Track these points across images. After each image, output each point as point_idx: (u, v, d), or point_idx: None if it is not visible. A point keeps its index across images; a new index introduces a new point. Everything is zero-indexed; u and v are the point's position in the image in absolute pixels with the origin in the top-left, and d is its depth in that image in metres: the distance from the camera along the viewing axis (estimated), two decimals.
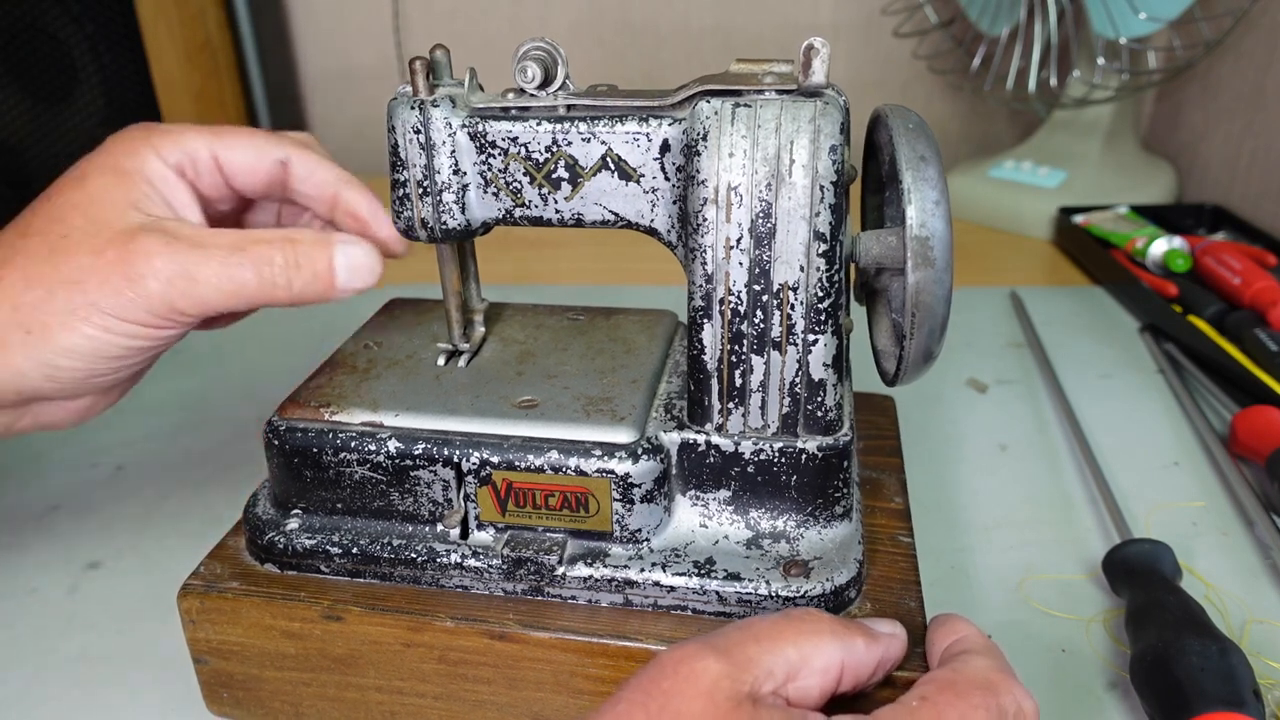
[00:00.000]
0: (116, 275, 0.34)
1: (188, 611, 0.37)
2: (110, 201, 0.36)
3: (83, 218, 0.36)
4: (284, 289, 0.36)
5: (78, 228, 0.35)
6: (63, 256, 0.35)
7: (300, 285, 0.36)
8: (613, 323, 0.45)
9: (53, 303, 0.34)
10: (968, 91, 1.07)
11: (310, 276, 0.36)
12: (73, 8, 0.87)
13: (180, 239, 0.35)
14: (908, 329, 0.32)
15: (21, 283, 0.35)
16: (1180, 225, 0.86)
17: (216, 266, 0.35)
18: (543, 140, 0.35)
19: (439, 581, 0.37)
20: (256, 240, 0.36)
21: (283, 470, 0.38)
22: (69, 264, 0.35)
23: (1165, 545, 0.44)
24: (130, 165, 0.37)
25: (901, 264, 0.32)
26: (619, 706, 0.27)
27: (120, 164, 0.37)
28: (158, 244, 0.35)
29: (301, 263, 0.36)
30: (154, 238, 0.35)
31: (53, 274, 0.35)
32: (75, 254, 0.35)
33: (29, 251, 0.35)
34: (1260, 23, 0.85)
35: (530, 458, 0.35)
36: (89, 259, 0.35)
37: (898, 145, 0.33)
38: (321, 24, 1.14)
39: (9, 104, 0.91)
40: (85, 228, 0.35)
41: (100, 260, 0.34)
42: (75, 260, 0.35)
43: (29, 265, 0.35)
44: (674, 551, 0.36)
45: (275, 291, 0.36)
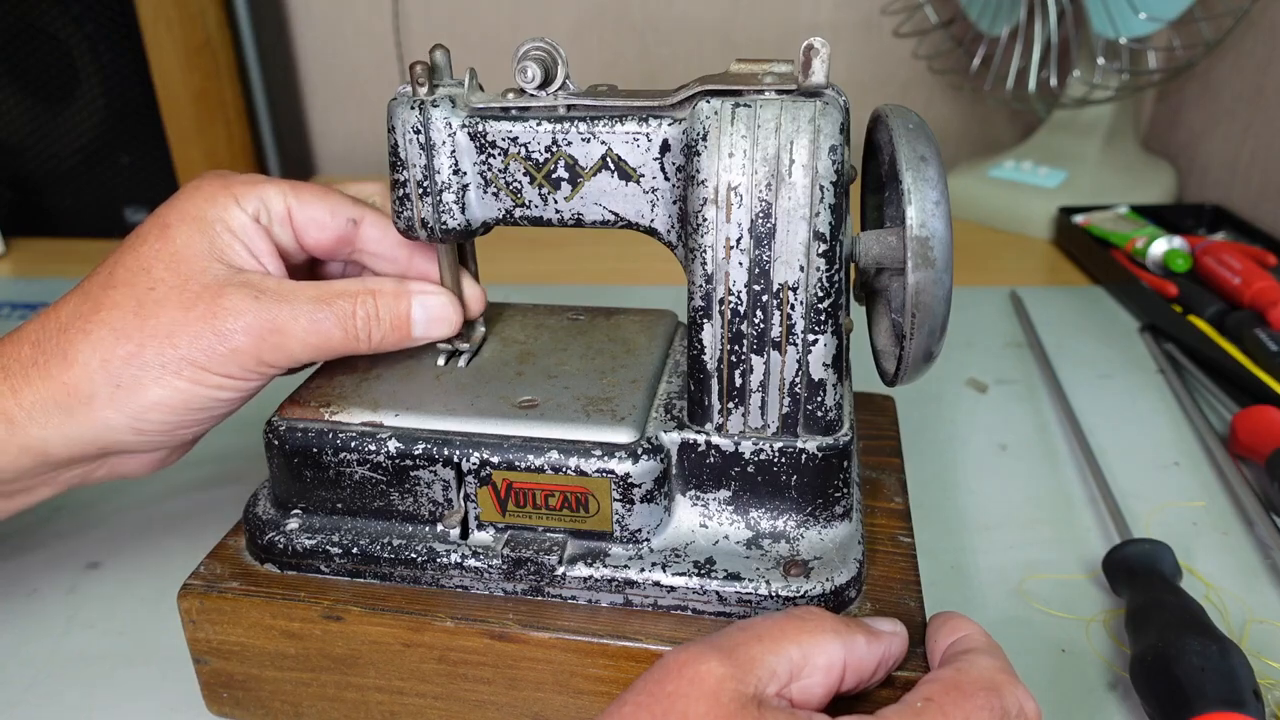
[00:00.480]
0: (207, 331, 0.35)
1: (188, 611, 0.37)
2: (195, 254, 0.36)
3: (168, 270, 0.36)
4: (365, 341, 0.37)
5: (164, 280, 0.36)
6: (151, 310, 0.35)
7: (379, 337, 0.37)
8: (613, 323, 0.45)
9: (143, 356, 0.35)
10: (968, 91, 1.07)
11: (389, 328, 0.37)
12: (73, 8, 0.87)
13: (265, 294, 0.36)
14: (908, 329, 0.32)
15: (110, 337, 0.35)
16: (1180, 225, 0.86)
17: (304, 322, 0.36)
18: (543, 140, 0.35)
19: (439, 581, 0.37)
20: (340, 293, 0.37)
21: (283, 470, 0.38)
22: (158, 318, 0.35)
23: (1165, 545, 0.44)
24: (212, 215, 0.38)
25: (901, 264, 0.32)
26: (624, 709, 0.27)
27: (203, 213, 0.37)
28: (245, 300, 0.35)
29: (382, 315, 0.37)
30: (241, 293, 0.36)
31: (141, 328, 0.35)
32: (164, 308, 0.35)
33: (116, 304, 0.36)
34: (1260, 23, 0.85)
35: (530, 458, 0.35)
36: (179, 314, 0.35)
37: (898, 145, 0.33)
38: (321, 24, 1.14)
39: (9, 104, 0.91)
40: (171, 281, 0.36)
41: (190, 315, 0.35)
42: (165, 315, 0.35)
43: (117, 319, 0.35)
44: (674, 551, 0.36)
45: (358, 344, 0.37)
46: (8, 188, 0.95)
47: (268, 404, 0.40)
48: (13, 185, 0.95)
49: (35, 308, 0.80)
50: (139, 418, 0.36)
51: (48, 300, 0.81)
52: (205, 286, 0.36)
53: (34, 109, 0.91)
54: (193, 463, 0.57)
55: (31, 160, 0.94)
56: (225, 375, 0.36)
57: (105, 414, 0.36)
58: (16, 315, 0.79)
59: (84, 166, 0.93)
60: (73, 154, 0.93)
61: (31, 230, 0.97)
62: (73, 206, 0.96)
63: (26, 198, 0.95)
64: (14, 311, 0.80)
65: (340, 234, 0.40)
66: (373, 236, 0.41)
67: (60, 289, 0.39)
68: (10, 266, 0.91)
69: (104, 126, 0.92)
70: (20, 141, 0.93)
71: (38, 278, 0.88)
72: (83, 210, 0.96)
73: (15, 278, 0.88)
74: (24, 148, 0.93)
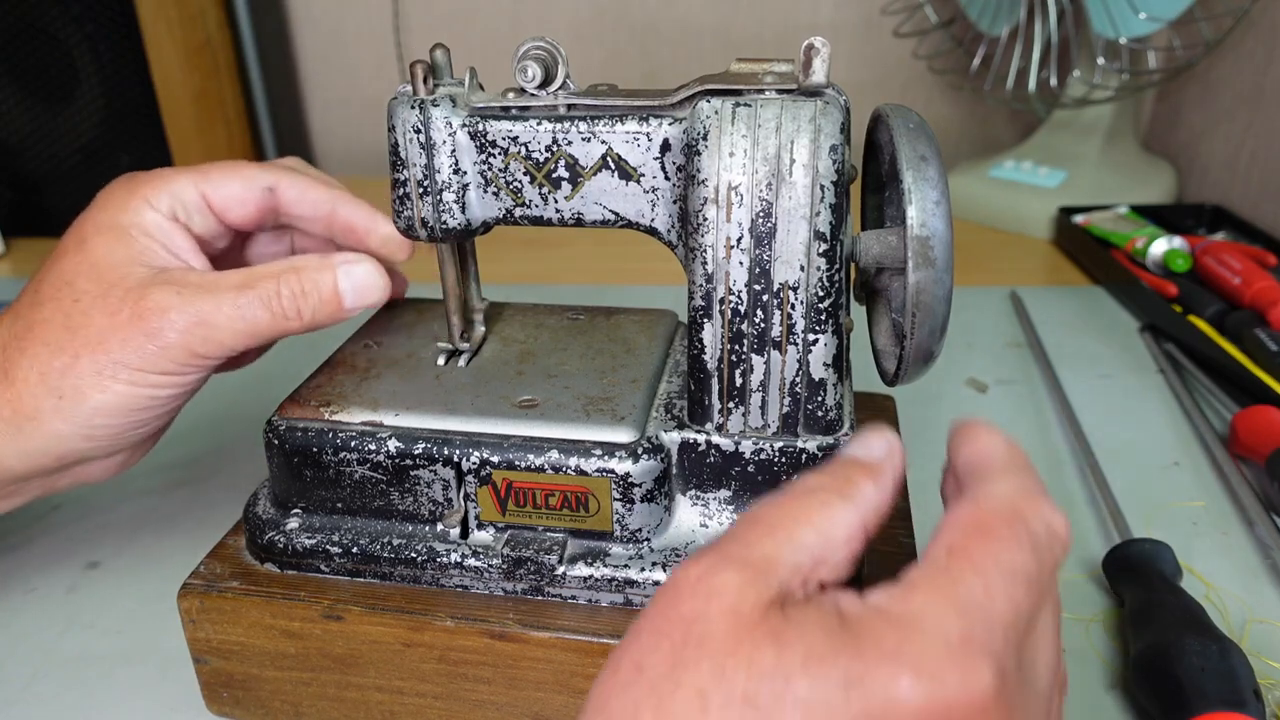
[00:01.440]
0: (136, 332, 0.35)
1: (188, 611, 0.37)
2: (115, 261, 0.37)
3: (90, 281, 0.36)
4: (295, 319, 0.37)
5: (87, 292, 0.36)
6: (79, 321, 0.36)
7: (310, 312, 0.37)
8: (613, 322, 0.45)
9: (79, 367, 0.36)
10: (968, 91, 1.07)
11: (318, 302, 0.37)
12: (73, 8, 0.87)
13: (187, 287, 0.36)
14: (908, 328, 0.32)
15: (45, 352, 0.36)
16: (1180, 225, 0.86)
17: (228, 309, 0.36)
18: (543, 140, 0.35)
19: (439, 581, 0.37)
20: (262, 276, 0.37)
21: (283, 470, 0.38)
22: (87, 329, 0.36)
23: (1165, 545, 0.44)
24: (125, 220, 0.38)
25: (902, 263, 0.32)
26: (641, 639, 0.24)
27: (116, 220, 0.38)
28: (169, 296, 0.36)
29: (307, 290, 0.37)
30: (164, 290, 0.36)
31: (73, 339, 0.36)
32: (92, 317, 0.36)
33: (46, 320, 0.36)
34: (1260, 23, 0.85)
35: (530, 457, 0.35)
36: (106, 320, 0.36)
37: (898, 145, 0.33)
38: (321, 24, 1.14)
39: (9, 104, 0.91)
40: (95, 291, 0.36)
41: (117, 320, 0.35)
42: (93, 324, 0.36)
43: (49, 334, 0.36)
44: (674, 551, 0.36)
45: (288, 323, 0.36)
46: (8, 188, 0.95)
47: (268, 404, 0.40)
48: (13, 185, 0.95)
49: None
50: (86, 425, 0.37)
51: None
52: (128, 290, 0.36)
53: (34, 109, 0.91)
54: (192, 463, 0.57)
55: (31, 160, 0.94)
56: (161, 373, 0.36)
57: (53, 426, 0.36)
58: None
59: (84, 166, 0.93)
60: (73, 154, 0.93)
61: (31, 230, 0.97)
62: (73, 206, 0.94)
63: (26, 198, 0.95)
64: None
65: (260, 204, 0.41)
66: (291, 198, 0.41)
67: None
68: (10, 266, 0.91)
69: (104, 126, 0.92)
70: (20, 141, 0.93)
71: None
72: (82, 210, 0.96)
73: (15, 278, 0.88)
74: (24, 148, 0.93)
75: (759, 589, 0.24)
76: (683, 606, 0.24)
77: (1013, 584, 0.24)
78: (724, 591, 0.24)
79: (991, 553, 0.24)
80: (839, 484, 0.27)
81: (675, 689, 0.22)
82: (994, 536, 0.25)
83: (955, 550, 0.25)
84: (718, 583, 0.24)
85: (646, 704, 0.23)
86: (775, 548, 0.25)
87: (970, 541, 0.25)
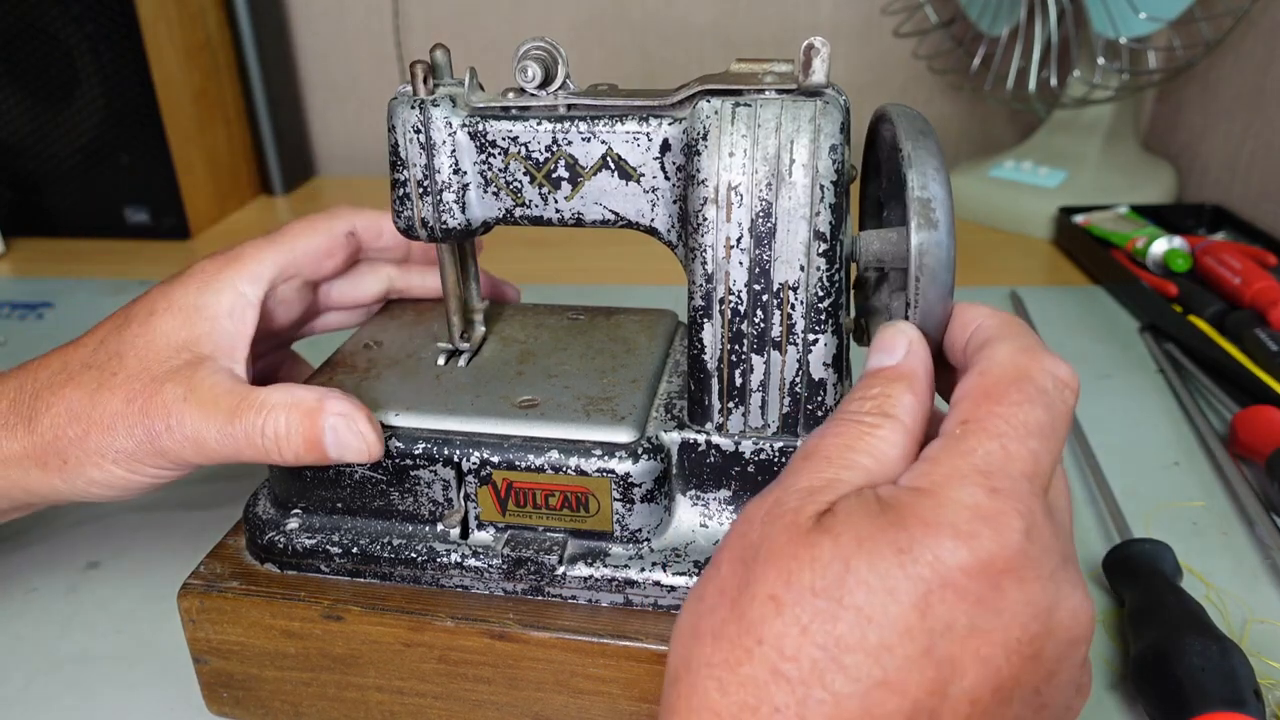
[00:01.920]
0: (139, 428, 0.36)
1: (188, 611, 0.37)
2: (167, 344, 0.38)
3: (136, 360, 0.37)
4: (277, 456, 0.36)
5: (126, 369, 0.37)
6: (103, 396, 0.37)
7: (292, 454, 0.36)
8: (613, 322, 0.45)
9: (86, 442, 0.37)
10: (968, 91, 1.07)
11: (301, 446, 0.36)
12: (73, 8, 0.87)
13: (191, 399, 0.36)
14: (911, 297, 0.31)
15: (65, 416, 0.37)
16: (1180, 225, 0.86)
17: (214, 434, 0.36)
18: (543, 140, 0.35)
19: (439, 581, 0.37)
20: (254, 407, 0.36)
21: (283, 470, 0.38)
22: (106, 407, 0.36)
23: (1165, 545, 0.44)
24: (202, 301, 0.39)
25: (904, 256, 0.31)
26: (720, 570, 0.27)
27: (192, 301, 0.39)
28: (174, 402, 0.36)
29: (294, 434, 0.36)
30: (174, 393, 0.36)
31: (90, 414, 0.37)
32: (114, 395, 0.37)
33: (81, 384, 0.37)
34: (1260, 23, 0.85)
35: (530, 457, 0.35)
36: (122, 405, 0.36)
37: (898, 125, 0.32)
38: (321, 24, 1.14)
39: (9, 104, 0.91)
40: (132, 369, 0.37)
41: (130, 409, 0.36)
42: (112, 404, 0.36)
43: (75, 400, 0.37)
44: (674, 551, 0.36)
45: (269, 458, 0.36)
46: (8, 188, 0.95)
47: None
48: (13, 185, 0.95)
49: (35, 308, 0.80)
50: (83, 491, 0.38)
51: (48, 300, 0.82)
52: (154, 378, 0.37)
53: (34, 109, 0.91)
54: None
55: (31, 160, 0.94)
56: (157, 467, 0.37)
57: (53, 482, 0.38)
58: (16, 315, 0.79)
59: (84, 166, 0.93)
60: (73, 154, 0.93)
61: (31, 230, 0.97)
62: (73, 206, 0.96)
63: (26, 198, 0.95)
64: (14, 311, 0.80)
65: (347, 250, 0.43)
66: (371, 235, 0.44)
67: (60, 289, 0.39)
68: (10, 266, 0.91)
69: (104, 126, 0.92)
70: (20, 141, 0.93)
71: (38, 278, 0.88)
72: (83, 210, 0.96)
73: (15, 278, 0.88)
74: (24, 148, 0.93)
75: (816, 505, 0.26)
76: (751, 535, 0.26)
77: (1028, 439, 0.26)
78: (784, 514, 0.26)
79: (1003, 415, 0.26)
80: (880, 403, 0.28)
81: (751, 600, 0.25)
82: (1004, 400, 0.26)
83: (967, 422, 0.26)
84: (780, 510, 0.26)
85: (730, 619, 0.25)
86: (833, 474, 0.27)
87: (980, 410, 0.26)
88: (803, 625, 0.24)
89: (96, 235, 0.96)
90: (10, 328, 0.77)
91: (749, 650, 0.24)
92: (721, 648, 0.25)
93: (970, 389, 0.27)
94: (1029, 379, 0.27)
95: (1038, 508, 0.25)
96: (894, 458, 0.27)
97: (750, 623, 0.25)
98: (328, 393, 0.36)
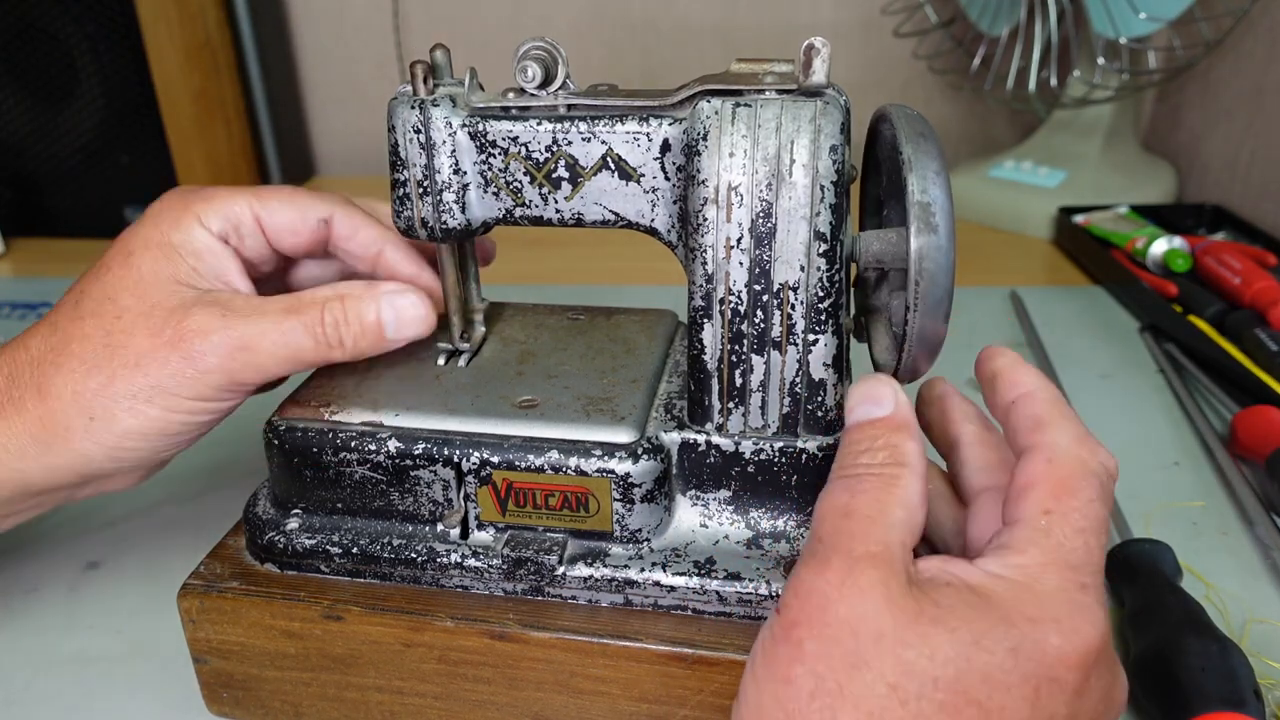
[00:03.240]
0: (175, 355, 0.35)
1: (188, 611, 0.37)
2: (159, 280, 0.36)
3: (134, 298, 0.36)
4: (338, 347, 0.36)
5: (130, 309, 0.36)
6: (120, 339, 0.35)
7: (351, 342, 0.36)
8: (613, 322, 0.45)
9: (114, 388, 0.35)
10: (968, 91, 1.07)
11: (359, 330, 0.36)
12: (73, 8, 0.87)
13: (232, 311, 0.35)
14: (910, 301, 0.32)
15: (81, 369, 0.35)
16: (1180, 225, 0.86)
17: (273, 334, 0.35)
18: (543, 140, 0.35)
19: (439, 581, 0.37)
20: (307, 302, 0.36)
21: (283, 470, 0.38)
22: (127, 348, 0.35)
23: (1165, 545, 0.44)
24: (175, 238, 0.37)
25: (903, 257, 0.32)
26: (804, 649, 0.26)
27: (165, 237, 0.37)
28: (212, 319, 0.35)
29: (350, 318, 0.36)
30: (208, 313, 0.35)
31: (111, 359, 0.35)
32: (133, 337, 0.35)
33: (85, 336, 0.36)
34: (1260, 23, 0.85)
35: (530, 457, 0.35)
36: (147, 341, 0.35)
37: (898, 126, 0.32)
38: (321, 24, 1.14)
39: (9, 104, 0.91)
40: (138, 308, 0.36)
41: (158, 341, 0.35)
42: (133, 344, 0.35)
43: (87, 351, 0.35)
44: (674, 551, 0.36)
45: (331, 351, 0.36)
46: (8, 188, 0.95)
47: (268, 404, 0.40)
48: (13, 185, 0.95)
49: (35, 308, 0.80)
50: (115, 448, 0.36)
51: (48, 300, 0.82)
52: (171, 311, 0.35)
53: (34, 109, 0.91)
54: (192, 464, 0.57)
55: (31, 160, 0.94)
56: (197, 399, 0.36)
57: (82, 446, 0.36)
58: (16, 315, 0.79)
59: (84, 166, 0.93)
60: (73, 154, 0.93)
61: (31, 230, 0.97)
62: (73, 206, 0.96)
63: (26, 198, 0.95)
64: (14, 311, 0.80)
65: (313, 235, 0.41)
66: (343, 233, 0.41)
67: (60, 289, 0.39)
68: (10, 266, 0.91)
69: (104, 126, 0.92)
70: (20, 141, 0.93)
71: (38, 277, 0.88)
72: (83, 210, 0.96)
73: (15, 277, 0.88)
74: (24, 148, 0.93)
75: (897, 577, 0.26)
76: (839, 610, 0.26)
77: (1099, 533, 0.28)
78: (871, 588, 0.26)
79: (1080, 509, 0.28)
80: (892, 454, 0.30)
81: (867, 687, 0.25)
82: (1078, 494, 0.28)
83: (1052, 513, 0.28)
84: (863, 581, 0.26)
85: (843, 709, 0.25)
86: (884, 534, 0.27)
87: (1060, 503, 0.28)
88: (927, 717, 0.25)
89: (96, 235, 0.96)
90: (10, 328, 0.77)
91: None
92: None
93: (1041, 477, 0.29)
94: (1094, 473, 0.29)
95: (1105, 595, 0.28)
96: (916, 503, 0.29)
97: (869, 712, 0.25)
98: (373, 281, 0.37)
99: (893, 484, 0.29)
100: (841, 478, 0.30)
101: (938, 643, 0.25)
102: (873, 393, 0.31)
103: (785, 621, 0.27)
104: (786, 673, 0.26)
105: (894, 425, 0.30)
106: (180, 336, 0.35)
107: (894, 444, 0.30)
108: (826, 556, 0.27)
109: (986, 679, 0.25)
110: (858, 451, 0.30)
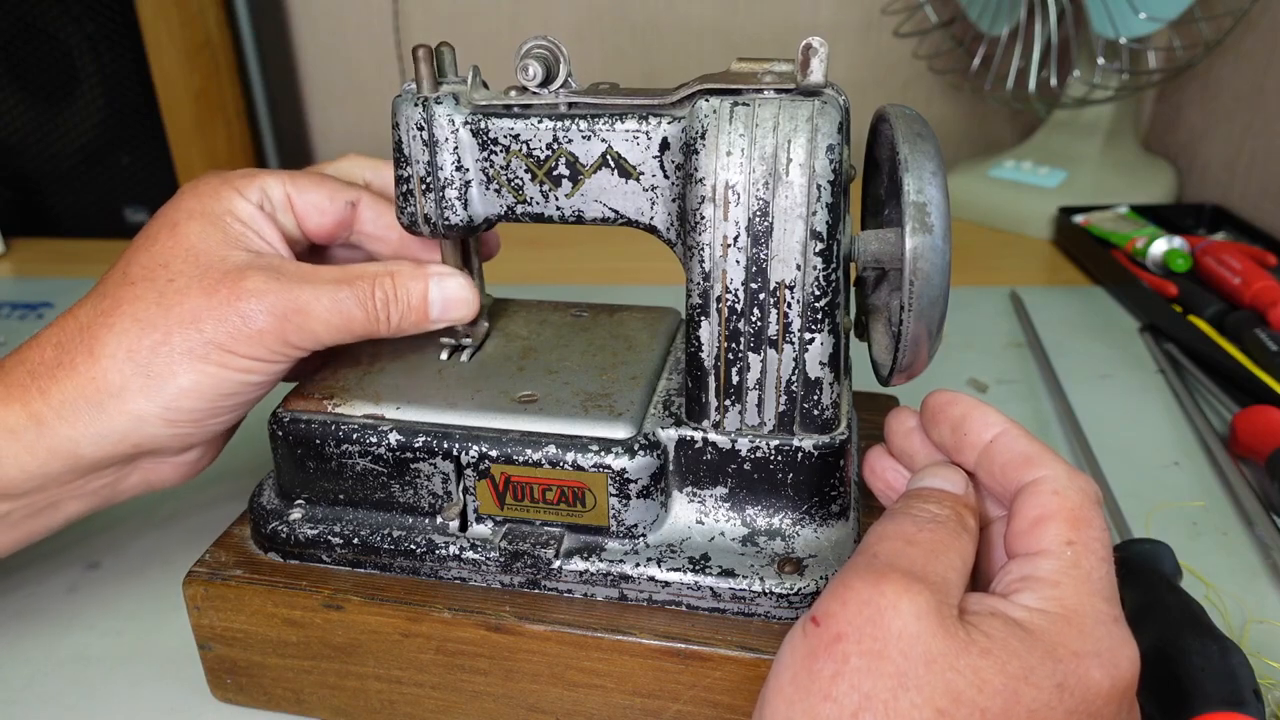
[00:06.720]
0: (231, 314, 0.35)
1: (193, 598, 0.37)
2: (210, 245, 0.37)
3: (185, 263, 0.36)
4: (384, 322, 0.37)
5: (183, 272, 0.36)
6: (174, 299, 0.35)
7: (398, 318, 0.37)
8: (616, 319, 0.45)
9: (170, 343, 0.35)
10: (968, 91, 1.07)
11: (406, 308, 0.37)
12: (73, 8, 0.87)
13: (286, 275, 0.36)
14: (905, 300, 0.32)
15: (135, 328, 0.35)
16: (1180, 225, 0.86)
17: (326, 301, 0.36)
18: (544, 138, 0.36)
19: (437, 573, 0.37)
20: (359, 275, 0.37)
21: (287, 461, 0.38)
22: (182, 306, 0.35)
23: (1165, 545, 0.44)
24: (218, 208, 0.38)
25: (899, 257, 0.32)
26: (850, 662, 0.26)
27: (207, 208, 0.38)
28: (268, 281, 0.35)
29: (399, 296, 0.37)
30: (263, 275, 0.36)
31: (166, 316, 0.35)
32: (187, 296, 0.35)
33: (138, 298, 0.36)
34: (1260, 23, 0.86)
35: (528, 452, 0.35)
36: (202, 299, 0.35)
37: (896, 127, 0.33)
38: (321, 24, 1.14)
39: (9, 104, 0.91)
40: (191, 271, 0.36)
41: (214, 300, 0.35)
42: (189, 302, 0.35)
43: (140, 310, 0.35)
44: (670, 547, 0.36)
45: (378, 325, 0.37)
46: (8, 188, 0.95)
47: (271, 398, 0.40)
48: (13, 185, 0.95)
49: (35, 308, 0.80)
50: (170, 406, 0.36)
51: (48, 300, 0.82)
52: (226, 273, 0.36)
53: (34, 109, 0.91)
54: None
55: (31, 160, 0.94)
56: (251, 357, 0.36)
57: (136, 404, 0.35)
58: (16, 315, 0.79)
59: (84, 166, 0.94)
60: (73, 154, 0.93)
61: (31, 230, 0.97)
62: (73, 206, 0.96)
63: (26, 198, 0.96)
64: (14, 311, 0.80)
65: (340, 218, 0.41)
66: (368, 218, 0.41)
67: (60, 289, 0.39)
68: (10, 266, 0.91)
69: (104, 126, 0.92)
70: (20, 141, 0.93)
71: (38, 277, 0.88)
72: (83, 210, 0.96)
73: (15, 277, 0.88)
74: (24, 148, 0.93)
75: (950, 607, 0.27)
76: (892, 625, 0.26)
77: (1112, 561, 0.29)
78: (928, 611, 0.26)
79: (1098, 538, 0.29)
80: (958, 517, 0.30)
81: (913, 710, 0.25)
82: (1092, 524, 0.29)
83: (1075, 543, 0.29)
84: (921, 600, 0.26)
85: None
86: (944, 570, 0.28)
87: (1080, 533, 0.29)
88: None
89: (96, 235, 0.96)
90: (10, 328, 0.77)
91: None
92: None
93: (1054, 509, 0.29)
94: (1094, 502, 0.30)
95: None
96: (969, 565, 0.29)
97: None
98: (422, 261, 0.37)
99: (956, 538, 0.29)
100: (907, 513, 0.30)
101: (987, 675, 0.25)
102: (949, 474, 0.32)
103: (829, 634, 0.26)
104: (828, 689, 0.25)
105: (965, 503, 0.31)
106: (237, 295, 0.35)
107: (961, 513, 0.31)
108: (884, 571, 0.27)
109: (1032, 715, 0.25)
110: (927, 504, 0.31)
